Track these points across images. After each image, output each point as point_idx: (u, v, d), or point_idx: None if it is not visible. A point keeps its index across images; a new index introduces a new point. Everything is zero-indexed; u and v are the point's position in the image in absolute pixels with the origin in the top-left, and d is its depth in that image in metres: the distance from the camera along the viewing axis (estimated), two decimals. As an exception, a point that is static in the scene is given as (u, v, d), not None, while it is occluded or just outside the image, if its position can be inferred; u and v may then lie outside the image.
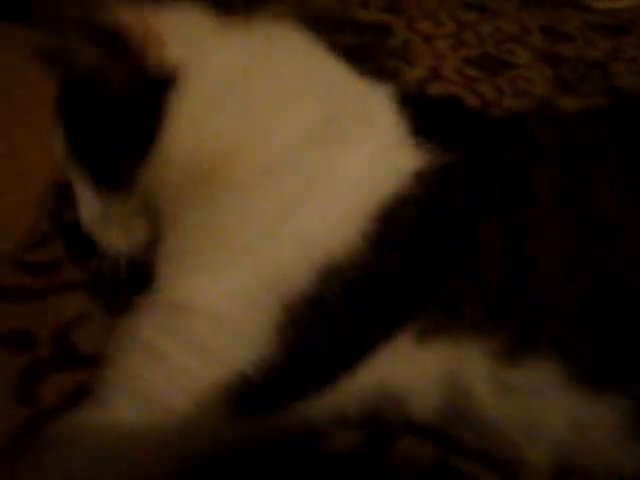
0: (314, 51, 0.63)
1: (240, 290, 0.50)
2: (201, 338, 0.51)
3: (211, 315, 0.50)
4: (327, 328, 0.51)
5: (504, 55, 1.59)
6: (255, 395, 0.51)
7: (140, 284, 0.60)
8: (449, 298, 0.53)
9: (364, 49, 1.56)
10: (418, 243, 0.53)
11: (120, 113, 0.57)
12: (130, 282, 0.65)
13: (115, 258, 0.65)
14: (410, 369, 0.54)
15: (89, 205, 0.64)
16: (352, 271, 0.50)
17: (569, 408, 0.51)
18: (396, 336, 0.53)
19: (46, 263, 0.85)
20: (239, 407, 0.51)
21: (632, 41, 1.72)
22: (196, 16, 0.59)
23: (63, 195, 0.96)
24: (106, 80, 0.56)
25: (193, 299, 0.51)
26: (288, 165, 0.53)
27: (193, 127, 0.55)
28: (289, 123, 0.56)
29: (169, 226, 0.58)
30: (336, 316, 0.51)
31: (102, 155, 0.60)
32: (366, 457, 0.62)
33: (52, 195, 0.99)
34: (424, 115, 0.61)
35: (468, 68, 1.51)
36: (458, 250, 0.53)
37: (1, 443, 0.63)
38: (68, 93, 0.61)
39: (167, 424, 0.50)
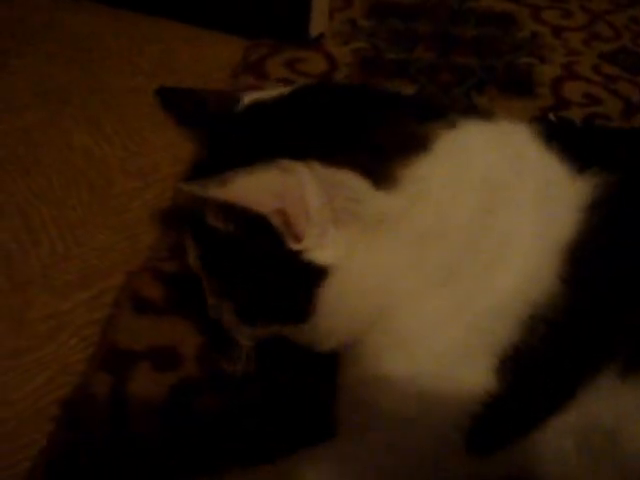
0: (460, 160, 0.59)
1: (459, 346, 0.55)
2: (433, 392, 0.55)
3: (439, 372, 0.55)
4: (538, 370, 0.54)
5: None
6: (482, 432, 0.55)
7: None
8: None
9: (488, 43, 1.47)
10: (610, 275, 0.54)
11: (262, 277, 0.58)
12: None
13: (244, 352, 0.68)
14: (618, 406, 0.54)
15: (213, 306, 0.67)
16: (553, 315, 0.53)
17: None
18: (602, 373, 0.54)
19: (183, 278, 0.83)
20: (469, 445, 0.55)
21: None
22: (350, 193, 0.54)
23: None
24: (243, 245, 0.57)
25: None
26: (465, 251, 0.56)
27: (349, 309, 0.57)
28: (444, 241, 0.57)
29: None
30: (544, 359, 0.54)
31: (241, 302, 0.62)
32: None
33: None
34: (570, 142, 0.61)
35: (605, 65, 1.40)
36: None
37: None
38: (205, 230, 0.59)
39: (417, 467, 0.56)
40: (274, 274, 0.57)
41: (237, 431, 0.68)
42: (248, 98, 0.65)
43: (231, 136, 0.62)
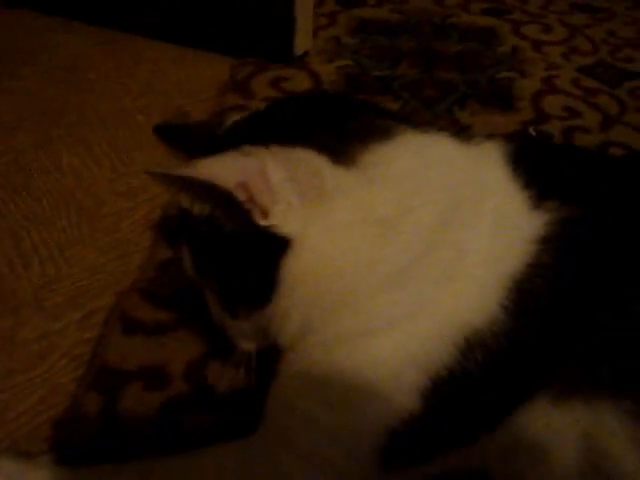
0: (422, 161, 0.60)
1: (388, 363, 0.55)
2: (352, 402, 0.55)
3: (361, 380, 0.55)
4: (469, 394, 0.55)
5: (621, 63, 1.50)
6: (401, 449, 0.55)
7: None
8: (584, 362, 0.54)
9: (470, 57, 1.51)
10: (553, 309, 0.55)
11: (237, 259, 0.59)
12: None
13: (245, 353, 0.70)
14: (546, 428, 0.55)
15: (215, 312, 0.69)
16: (492, 341, 0.53)
17: None
18: (533, 398, 0.55)
19: (171, 299, 0.85)
20: (387, 460, 0.55)
21: None
22: (307, 167, 0.57)
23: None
24: (216, 230, 0.58)
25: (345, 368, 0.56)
26: (419, 259, 0.55)
27: (311, 280, 0.57)
28: (403, 237, 0.56)
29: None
30: (478, 383, 0.54)
31: (222, 290, 0.64)
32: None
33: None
34: (538, 167, 0.61)
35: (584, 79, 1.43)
36: (592, 313, 0.55)
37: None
38: (189, 224, 0.62)
39: (327, 475, 0.56)
40: (243, 253, 0.58)
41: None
42: (230, 120, 0.68)
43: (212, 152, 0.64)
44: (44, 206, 1.03)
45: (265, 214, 0.55)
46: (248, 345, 0.68)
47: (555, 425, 0.55)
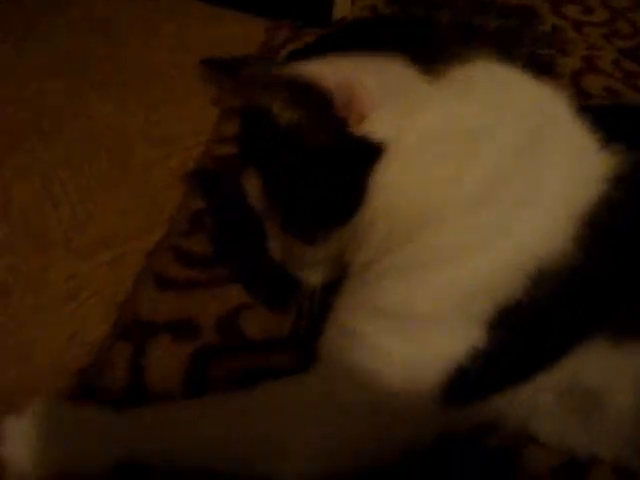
0: (504, 88, 0.60)
1: (459, 292, 0.54)
2: (420, 333, 0.54)
3: (425, 314, 0.54)
4: (534, 327, 0.54)
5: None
6: (464, 384, 0.54)
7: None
8: None
9: (510, 34, 1.47)
10: (623, 247, 0.55)
11: (323, 174, 0.56)
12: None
13: (310, 291, 0.66)
14: (603, 372, 0.56)
15: (279, 246, 0.66)
16: (562, 274, 0.53)
17: None
18: (593, 337, 0.55)
19: (203, 255, 0.83)
20: (449, 395, 0.54)
21: None
22: (400, 76, 0.56)
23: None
24: (307, 139, 0.56)
25: (417, 304, 0.55)
26: (497, 188, 0.55)
27: (399, 190, 0.55)
28: (489, 154, 0.55)
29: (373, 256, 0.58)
30: (543, 316, 0.54)
31: (301, 213, 0.60)
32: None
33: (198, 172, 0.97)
34: (599, 116, 0.61)
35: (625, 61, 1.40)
36: None
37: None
38: (265, 142, 0.59)
39: (385, 408, 0.54)
40: (328, 165, 0.56)
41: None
42: (285, 52, 0.66)
43: None
44: (74, 150, 1.01)
45: (361, 120, 0.53)
46: (316, 278, 0.65)
47: (612, 369, 0.55)
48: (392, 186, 0.55)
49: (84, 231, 0.87)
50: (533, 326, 0.54)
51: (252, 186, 0.62)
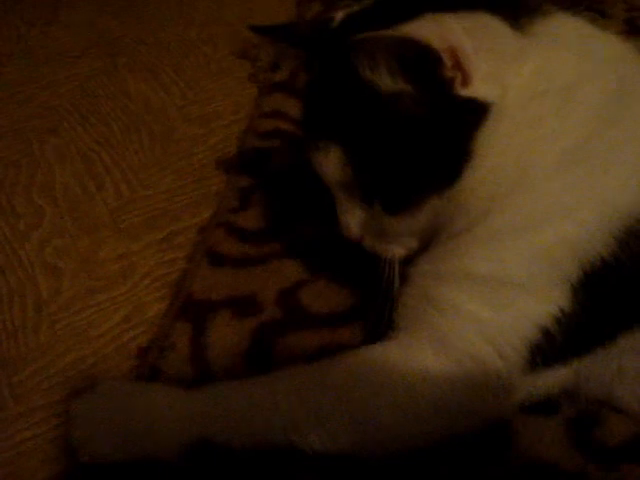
0: (590, 40, 0.60)
1: (543, 256, 0.53)
2: (508, 298, 0.53)
3: (517, 278, 0.53)
4: (620, 288, 0.53)
5: None
6: (549, 348, 0.53)
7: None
8: None
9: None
10: None
11: (423, 142, 0.55)
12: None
13: (392, 265, 0.63)
14: None
15: (357, 221, 0.63)
16: None
17: None
18: None
19: (256, 230, 0.81)
20: (534, 359, 0.53)
21: None
22: (495, 33, 0.54)
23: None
24: (409, 107, 0.54)
25: (502, 269, 0.54)
26: (584, 149, 0.53)
27: (503, 151, 0.54)
28: (579, 115, 0.54)
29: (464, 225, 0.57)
30: (628, 277, 0.53)
31: (399, 184, 0.57)
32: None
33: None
34: None
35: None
36: None
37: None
38: (355, 120, 0.56)
39: (474, 373, 0.53)
40: (433, 128, 0.54)
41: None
42: (339, 15, 0.63)
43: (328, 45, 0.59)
44: (114, 130, 1.00)
45: (468, 81, 0.52)
46: (399, 251, 0.62)
47: None
48: (499, 147, 0.53)
49: (131, 211, 0.86)
50: (619, 287, 0.53)
51: (330, 161, 0.59)
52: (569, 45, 0.56)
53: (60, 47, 1.21)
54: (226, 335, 0.69)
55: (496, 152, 0.53)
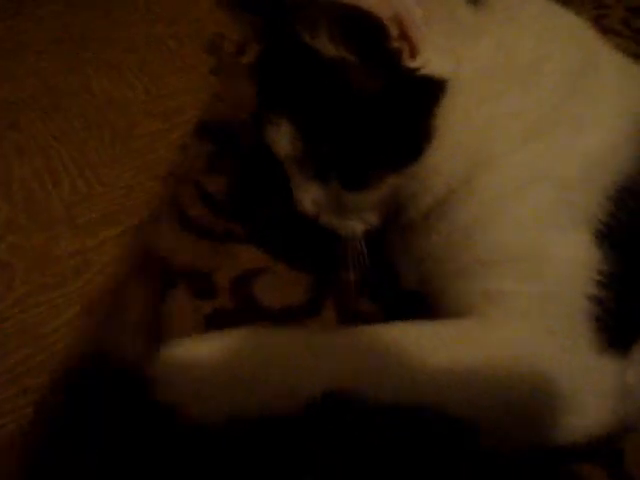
0: (546, 12, 0.60)
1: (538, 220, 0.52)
2: (535, 271, 0.52)
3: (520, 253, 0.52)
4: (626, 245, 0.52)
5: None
6: (607, 316, 0.50)
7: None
8: None
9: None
10: None
11: (377, 117, 0.52)
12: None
13: (356, 242, 0.61)
14: None
15: (311, 198, 0.60)
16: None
17: None
18: None
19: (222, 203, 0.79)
20: (600, 336, 0.50)
21: None
22: (448, 4, 0.53)
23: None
24: (356, 78, 0.52)
25: None
26: (551, 119, 0.54)
27: (465, 128, 0.53)
28: (542, 88, 0.55)
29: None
30: (631, 235, 0.52)
31: (354, 159, 0.55)
32: None
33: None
34: None
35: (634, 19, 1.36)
36: None
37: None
38: (303, 92, 0.54)
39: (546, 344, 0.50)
40: (388, 104, 0.52)
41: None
42: None
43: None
44: (75, 126, 0.99)
45: (414, 53, 0.50)
46: (359, 227, 0.61)
47: None
48: (461, 124, 0.52)
49: (88, 207, 0.85)
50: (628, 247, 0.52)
51: (282, 135, 0.57)
52: (527, 19, 0.56)
53: (25, 41, 1.19)
54: (184, 314, 0.67)
55: (457, 129, 0.52)
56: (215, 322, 0.67)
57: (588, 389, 0.50)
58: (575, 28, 0.60)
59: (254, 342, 0.51)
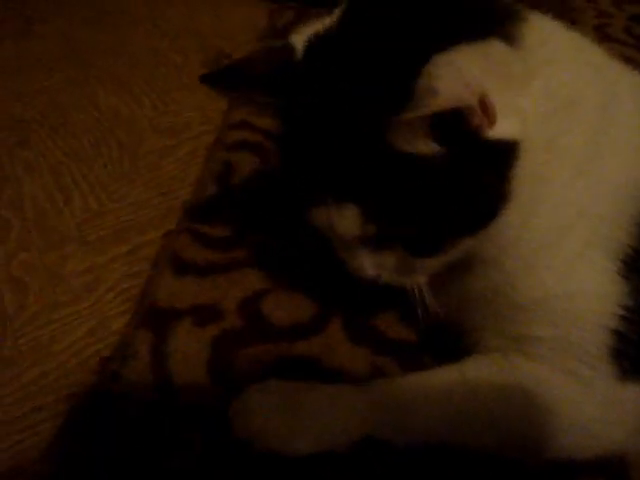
0: (575, 49, 0.61)
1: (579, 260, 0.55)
2: (568, 312, 0.55)
3: (564, 291, 0.55)
4: None
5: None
6: (628, 348, 0.54)
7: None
8: None
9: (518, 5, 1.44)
10: None
11: (454, 189, 0.52)
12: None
13: (420, 292, 0.62)
14: None
15: (378, 264, 0.59)
16: None
17: None
18: None
19: (221, 237, 0.82)
20: (622, 365, 0.54)
21: None
22: (501, 59, 0.51)
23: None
24: (439, 165, 0.50)
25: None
26: (588, 156, 0.56)
27: (532, 180, 0.54)
28: (582, 127, 0.56)
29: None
30: None
31: (430, 235, 0.55)
32: None
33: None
34: None
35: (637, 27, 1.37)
36: None
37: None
38: (378, 181, 0.52)
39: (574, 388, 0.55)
40: (464, 174, 0.51)
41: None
42: (298, 41, 0.58)
43: (314, 82, 0.55)
44: (83, 143, 1.00)
45: (494, 123, 0.48)
46: (423, 278, 0.61)
47: None
48: (530, 179, 0.53)
49: (98, 224, 0.86)
50: None
51: (347, 218, 0.54)
52: (561, 57, 0.57)
53: (33, 59, 1.21)
54: (186, 343, 0.69)
55: (530, 186, 0.54)
56: (223, 344, 0.69)
57: (609, 418, 0.55)
58: (596, 57, 0.62)
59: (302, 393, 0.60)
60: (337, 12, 0.58)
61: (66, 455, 0.62)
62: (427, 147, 0.50)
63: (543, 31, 0.57)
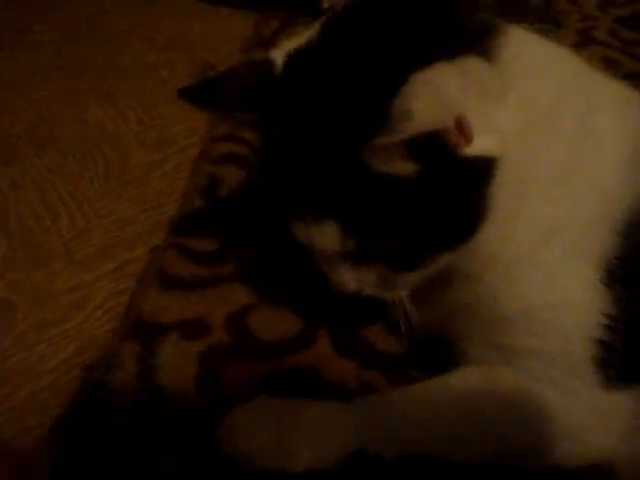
0: (552, 60, 0.62)
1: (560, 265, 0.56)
2: (550, 323, 0.56)
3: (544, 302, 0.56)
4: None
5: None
6: (613, 356, 0.54)
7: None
8: None
9: (501, 8, 1.45)
10: None
11: (434, 211, 0.53)
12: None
13: (402, 305, 0.63)
14: None
15: (359, 279, 0.60)
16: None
17: None
18: None
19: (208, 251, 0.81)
20: (608, 373, 0.55)
21: None
22: (478, 76, 0.51)
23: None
24: (417, 183, 0.52)
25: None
26: (569, 167, 0.57)
27: (516, 190, 0.55)
28: (561, 139, 0.57)
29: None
30: None
31: (409, 251, 0.56)
32: None
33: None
34: None
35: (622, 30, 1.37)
36: None
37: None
38: (357, 200, 0.53)
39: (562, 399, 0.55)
40: (446, 194, 0.52)
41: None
42: (278, 56, 0.59)
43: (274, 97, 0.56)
44: (69, 159, 1.00)
45: (471, 140, 0.49)
46: (404, 292, 0.62)
47: None
48: (510, 193, 0.54)
49: (85, 241, 0.86)
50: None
51: (326, 234, 0.55)
52: (537, 69, 0.57)
53: (23, 71, 1.21)
54: (174, 357, 0.69)
55: (506, 198, 0.54)
56: (210, 359, 0.69)
57: (596, 426, 0.56)
58: (573, 68, 0.62)
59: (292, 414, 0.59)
60: (316, 25, 0.59)
61: (52, 469, 0.61)
62: (404, 167, 0.50)
63: (519, 44, 0.57)
